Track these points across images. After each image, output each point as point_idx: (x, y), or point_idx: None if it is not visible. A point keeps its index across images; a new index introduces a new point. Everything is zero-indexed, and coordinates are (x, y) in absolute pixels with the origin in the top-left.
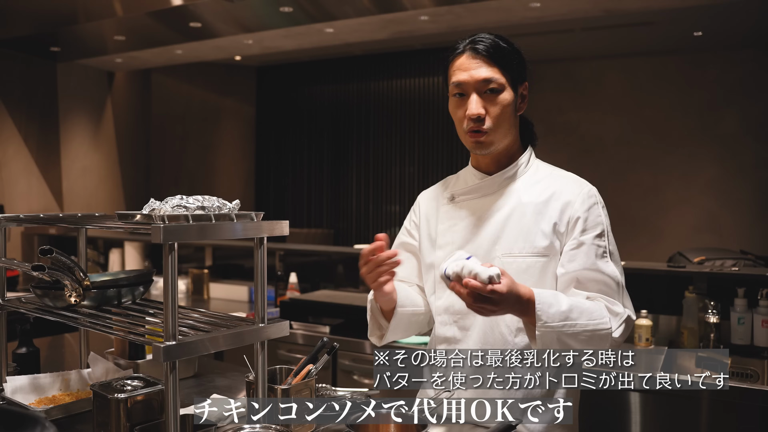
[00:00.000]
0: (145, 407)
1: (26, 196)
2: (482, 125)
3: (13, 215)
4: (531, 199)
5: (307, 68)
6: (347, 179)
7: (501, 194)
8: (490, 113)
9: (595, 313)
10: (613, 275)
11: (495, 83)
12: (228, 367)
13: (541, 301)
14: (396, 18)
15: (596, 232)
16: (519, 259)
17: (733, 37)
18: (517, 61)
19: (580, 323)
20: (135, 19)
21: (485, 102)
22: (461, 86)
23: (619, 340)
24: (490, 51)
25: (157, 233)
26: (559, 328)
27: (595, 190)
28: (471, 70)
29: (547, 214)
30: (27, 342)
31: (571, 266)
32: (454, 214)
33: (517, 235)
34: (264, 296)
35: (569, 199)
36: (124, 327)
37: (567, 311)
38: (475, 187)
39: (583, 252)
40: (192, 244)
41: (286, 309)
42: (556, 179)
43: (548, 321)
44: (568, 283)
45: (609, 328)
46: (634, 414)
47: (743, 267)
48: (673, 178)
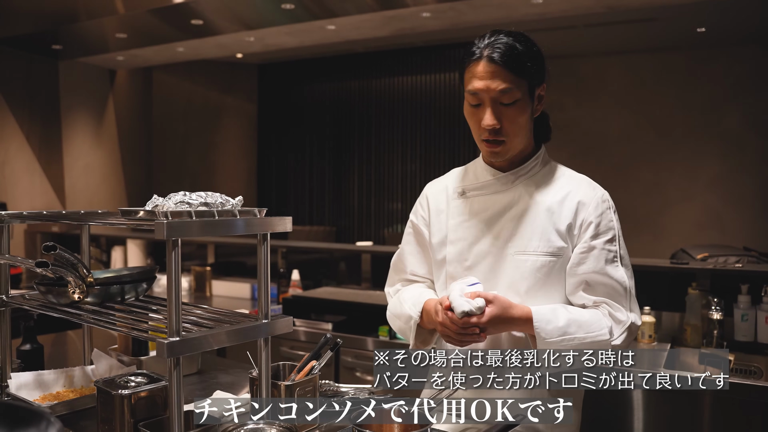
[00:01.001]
0: (148, 403)
1: (29, 194)
2: (498, 135)
3: (16, 212)
4: (545, 198)
5: (308, 66)
6: (349, 176)
7: (514, 192)
8: (506, 123)
9: (594, 325)
10: (621, 280)
11: (509, 95)
12: (231, 363)
13: (539, 319)
14: (398, 15)
15: (607, 237)
16: (533, 257)
17: (737, 34)
18: (535, 64)
19: (578, 336)
20: (136, 16)
21: (501, 112)
22: (477, 95)
23: (621, 346)
24: (507, 59)
25: (160, 229)
26: (558, 343)
27: (607, 195)
28: (487, 80)
29: (562, 214)
30: (31, 339)
31: (580, 269)
32: (466, 209)
33: (532, 234)
34: (267, 292)
35: (584, 201)
36: (128, 323)
37: (565, 326)
38: (488, 183)
39: (594, 256)
40: (194, 242)
41: (289, 306)
42: (570, 180)
43: (547, 337)
44: (577, 285)
45: (607, 338)
46: (637, 410)
47: (747, 264)
48: (676, 175)
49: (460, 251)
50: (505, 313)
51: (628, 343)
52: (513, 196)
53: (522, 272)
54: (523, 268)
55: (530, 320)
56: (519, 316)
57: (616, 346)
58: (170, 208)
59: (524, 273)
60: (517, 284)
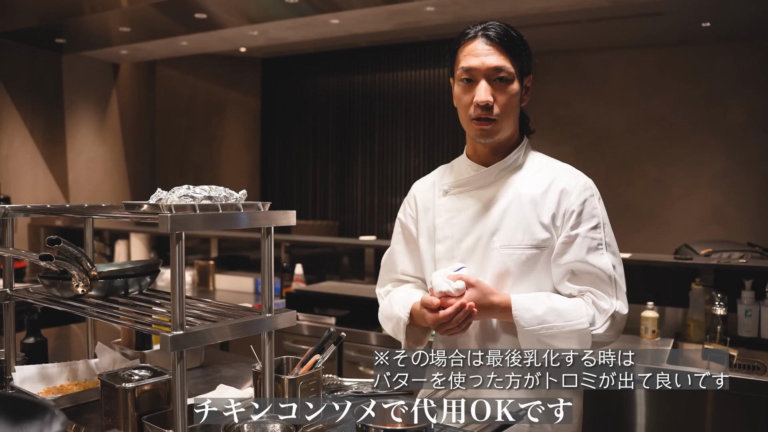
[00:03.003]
0: (152, 397)
1: (32, 188)
2: (490, 113)
3: (20, 206)
4: (529, 190)
5: (312, 60)
6: (352, 171)
7: (498, 185)
8: (499, 102)
9: (573, 314)
10: (605, 268)
11: (505, 72)
12: (234, 357)
13: (518, 307)
14: (401, 9)
15: (591, 225)
16: (518, 251)
17: (742, 28)
18: (526, 52)
19: (557, 325)
20: (140, 10)
21: (494, 90)
22: (471, 72)
23: (604, 336)
24: (503, 39)
25: (164, 223)
26: (537, 331)
27: (591, 182)
28: (482, 57)
29: (546, 205)
30: (35, 332)
31: (564, 258)
32: (452, 206)
33: (516, 227)
34: (271, 286)
35: (566, 189)
36: (131, 317)
37: (543, 315)
38: (471, 179)
39: (577, 245)
40: (197, 236)
41: (292, 300)
42: (552, 170)
43: (525, 326)
44: (563, 275)
45: (586, 327)
46: (640, 405)
47: (750, 259)
48: (679, 170)
49: (449, 249)
50: (485, 299)
51: (615, 332)
52: (496, 189)
53: (508, 266)
54: (509, 261)
55: (509, 308)
56: (498, 302)
57: (598, 335)
58: (174, 201)
59: (510, 266)
60: (504, 277)
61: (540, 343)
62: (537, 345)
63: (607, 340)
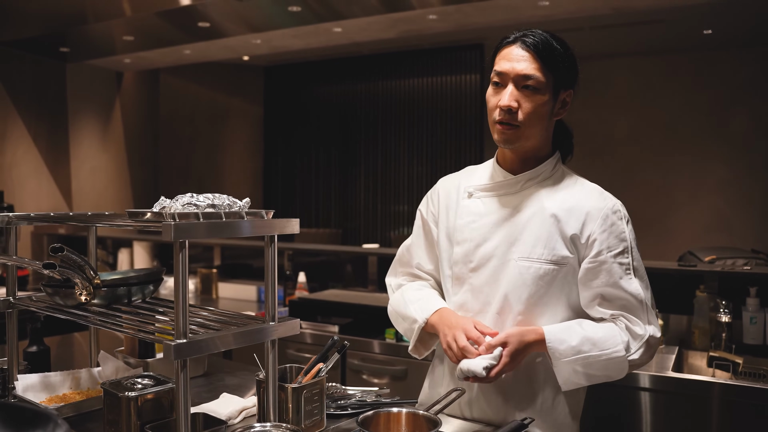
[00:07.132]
0: (155, 406)
1: (36, 196)
2: (513, 119)
3: (23, 214)
4: (553, 205)
5: (315, 68)
6: (355, 179)
7: (523, 196)
8: (524, 108)
9: (608, 342)
10: (636, 293)
11: (534, 80)
12: (237, 366)
13: (552, 339)
14: (404, 17)
15: (618, 250)
16: (536, 264)
17: (744, 36)
18: (566, 65)
19: (593, 355)
20: (143, 19)
21: (521, 96)
22: (501, 75)
23: (639, 361)
24: (539, 47)
25: (167, 231)
26: (573, 363)
27: (619, 205)
28: (514, 62)
29: (569, 223)
30: (38, 340)
31: (594, 283)
32: (474, 209)
33: (536, 240)
34: (275, 294)
35: (591, 213)
36: (134, 325)
37: (578, 345)
38: (497, 185)
39: (605, 270)
40: (201, 244)
41: (295, 308)
42: (580, 189)
43: (561, 357)
44: (592, 299)
45: (623, 355)
46: (645, 413)
47: (755, 266)
48: (682, 178)
49: (466, 252)
50: (521, 344)
51: (649, 356)
52: (521, 199)
53: (525, 279)
54: (526, 274)
55: (543, 341)
56: (533, 340)
57: (633, 360)
58: (177, 209)
59: (527, 280)
60: (519, 290)
61: (575, 374)
62: (573, 376)
63: (641, 363)
